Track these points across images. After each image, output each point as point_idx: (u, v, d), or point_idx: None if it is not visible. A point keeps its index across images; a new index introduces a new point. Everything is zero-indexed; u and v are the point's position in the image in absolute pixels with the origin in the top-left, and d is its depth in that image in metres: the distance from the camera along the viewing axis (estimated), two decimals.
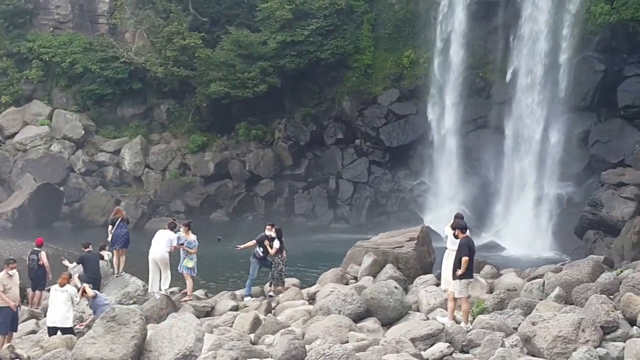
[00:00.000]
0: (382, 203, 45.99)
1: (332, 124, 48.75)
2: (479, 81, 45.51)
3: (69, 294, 18.84)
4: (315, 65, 47.94)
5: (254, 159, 47.85)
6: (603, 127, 40.15)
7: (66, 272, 20.34)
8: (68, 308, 18.88)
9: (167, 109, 49.78)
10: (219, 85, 45.72)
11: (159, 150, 48.46)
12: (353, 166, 47.47)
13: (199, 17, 48.04)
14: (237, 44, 46.06)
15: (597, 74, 40.55)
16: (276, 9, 46.54)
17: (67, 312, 18.85)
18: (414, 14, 47.29)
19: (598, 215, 34.83)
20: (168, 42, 46.71)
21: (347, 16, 48.39)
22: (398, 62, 47.68)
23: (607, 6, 40.23)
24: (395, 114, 47.11)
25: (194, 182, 47.42)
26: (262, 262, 23.24)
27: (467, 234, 18.27)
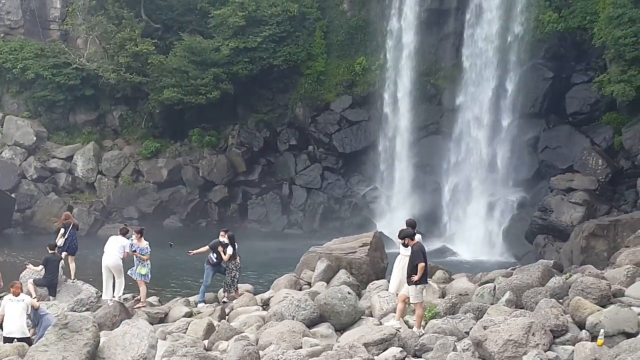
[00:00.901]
0: (335, 209, 46.25)
1: (286, 130, 48.91)
2: (430, 88, 46.06)
3: (25, 303, 18.51)
4: (268, 71, 48.08)
5: (208, 165, 47.73)
6: (552, 134, 40.97)
7: (17, 280, 20.06)
8: (25, 318, 18.54)
9: (120, 115, 49.37)
10: (172, 91, 45.54)
11: (112, 156, 48.03)
12: (306, 172, 47.68)
13: (151, 24, 47.78)
14: (190, 50, 45.95)
15: (545, 81, 41.39)
16: (229, 15, 46.55)
17: (24, 321, 18.47)
18: (366, 21, 47.73)
19: (548, 220, 35.58)
20: (120, 49, 46.35)
21: (299, 23, 48.61)
22: (350, 69, 48.05)
23: (555, 14, 41.13)
24: (348, 121, 47.45)
25: (147, 189, 47.11)
26: (216, 269, 23.24)
27: (418, 239, 18.48)
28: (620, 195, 36.98)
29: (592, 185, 36.40)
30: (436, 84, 46.05)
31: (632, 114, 37.78)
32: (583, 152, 38.29)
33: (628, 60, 36.10)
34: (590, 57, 40.84)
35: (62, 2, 50.28)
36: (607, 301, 17.35)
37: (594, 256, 27.98)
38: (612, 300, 17.62)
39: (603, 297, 17.41)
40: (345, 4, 49.08)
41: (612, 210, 35.32)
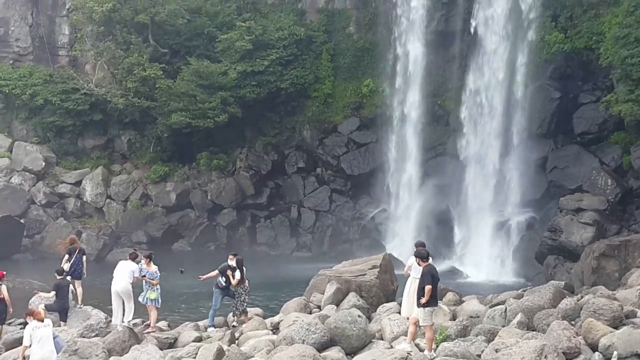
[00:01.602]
0: (344, 231, 46.22)
1: (293, 152, 49.00)
2: (437, 109, 46.13)
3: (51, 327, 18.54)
4: (275, 94, 48.28)
5: (216, 188, 47.79)
6: (560, 154, 40.89)
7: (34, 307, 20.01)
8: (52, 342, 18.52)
9: (128, 139, 49.57)
10: (180, 115, 45.73)
11: (121, 181, 48.15)
12: (314, 195, 47.69)
13: (159, 49, 48.08)
14: (198, 74, 46.19)
15: (553, 101, 41.38)
16: (236, 39, 46.83)
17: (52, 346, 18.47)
18: (373, 43, 47.92)
19: (557, 241, 35.37)
20: (129, 74, 46.65)
21: (306, 46, 48.86)
22: (357, 91, 48.22)
23: (561, 35, 41.22)
24: (355, 143, 47.52)
25: (156, 213, 47.17)
26: (225, 292, 23.17)
27: (429, 261, 18.41)
28: (630, 215, 36.77)
29: (602, 205, 36.22)
30: (443, 105, 46.12)
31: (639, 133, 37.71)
32: (592, 172, 38.15)
33: (635, 79, 36.03)
34: (597, 77, 40.85)
35: (71, 29, 50.74)
36: (619, 322, 17.22)
37: (605, 277, 27.78)
38: (625, 321, 17.49)
39: (615, 319, 17.27)
40: (351, 27, 49.35)
41: (622, 230, 35.12)
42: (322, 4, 50.19)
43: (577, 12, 41.48)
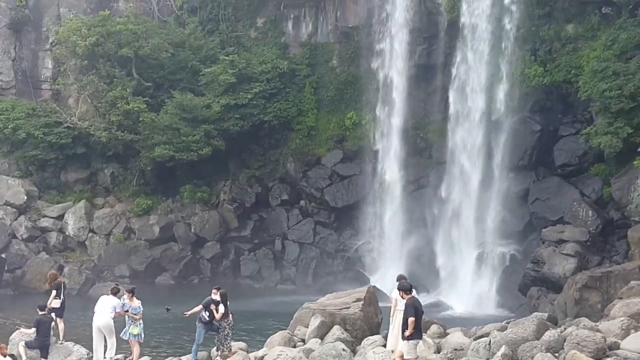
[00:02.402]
0: (328, 263, 46.24)
1: (277, 185, 49.08)
2: (420, 141, 46.47)
3: None
4: (259, 127, 48.47)
5: (200, 221, 47.71)
6: (542, 186, 41.20)
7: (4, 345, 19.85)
8: None
9: (112, 172, 49.45)
10: (164, 148, 45.77)
11: (103, 214, 47.97)
12: (298, 227, 47.70)
13: (142, 82, 48.22)
14: (181, 107, 46.33)
15: (533, 134, 41.80)
16: (219, 73, 47.10)
17: None
18: (355, 76, 48.32)
19: (540, 272, 35.63)
20: (112, 107, 46.70)
21: (289, 79, 49.21)
22: (341, 124, 48.52)
23: (540, 68, 41.78)
24: (339, 175, 47.70)
25: (139, 246, 46.95)
26: (208, 327, 23.05)
27: (412, 294, 18.49)
28: (612, 246, 37.06)
29: (583, 236, 36.56)
30: (426, 138, 46.46)
31: (619, 165, 38.07)
32: (573, 204, 38.49)
33: (614, 112, 36.57)
34: (577, 109, 41.36)
35: (54, 63, 50.87)
36: (602, 354, 17.35)
37: (587, 308, 27.97)
38: (608, 353, 17.62)
39: (599, 350, 17.40)
40: (334, 60, 49.79)
41: (604, 262, 35.43)
42: (305, 37, 50.64)
43: (555, 46, 42.12)
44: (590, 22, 41.01)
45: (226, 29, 50.75)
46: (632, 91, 36.20)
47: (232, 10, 50.77)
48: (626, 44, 38.05)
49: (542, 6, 42.10)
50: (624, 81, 36.51)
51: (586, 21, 41.19)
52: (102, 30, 47.08)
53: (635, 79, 36.29)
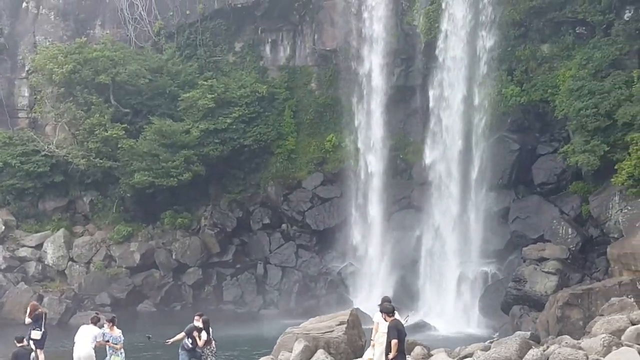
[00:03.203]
0: (311, 287, 46.11)
1: (258, 209, 48.95)
2: (400, 162, 46.63)
3: None
4: (239, 152, 48.45)
5: (181, 247, 47.46)
6: (521, 204, 41.41)
7: None
8: None
9: (91, 200, 49.14)
10: (143, 175, 45.57)
11: (83, 242, 47.59)
12: (280, 251, 47.57)
13: (121, 109, 48.10)
14: (160, 133, 46.22)
15: (512, 153, 42.06)
16: (198, 98, 47.11)
17: None
18: (334, 99, 48.48)
19: (522, 291, 35.77)
20: (90, 134, 46.48)
21: (268, 103, 49.32)
22: (321, 147, 48.60)
23: (517, 88, 42.15)
24: (320, 198, 47.69)
25: (120, 274, 46.60)
26: (191, 354, 22.90)
27: (395, 316, 18.48)
28: (592, 263, 37.29)
29: (564, 254, 36.77)
30: (406, 159, 46.61)
31: (597, 182, 38.44)
32: (553, 222, 38.73)
33: (590, 130, 36.98)
34: (554, 128, 41.75)
35: (30, 91, 50.70)
36: None
37: (569, 325, 28.08)
38: None
39: None
40: (313, 83, 49.99)
41: (584, 279, 35.63)
42: (284, 61, 50.85)
43: (531, 65, 42.52)
44: (565, 42, 41.47)
45: (204, 54, 50.85)
46: (608, 109, 36.66)
47: (210, 35, 50.90)
48: (601, 63, 38.58)
49: (517, 27, 42.54)
50: (600, 99, 36.98)
51: (561, 41, 41.65)
52: (79, 58, 46.96)
53: (611, 97, 36.77)
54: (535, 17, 42.06)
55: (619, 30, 38.87)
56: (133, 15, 50.67)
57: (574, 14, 40.71)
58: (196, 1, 50.27)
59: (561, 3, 40.94)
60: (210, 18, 50.48)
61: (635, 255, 31.60)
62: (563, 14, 41.09)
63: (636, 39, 38.59)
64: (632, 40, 38.59)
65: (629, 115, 35.89)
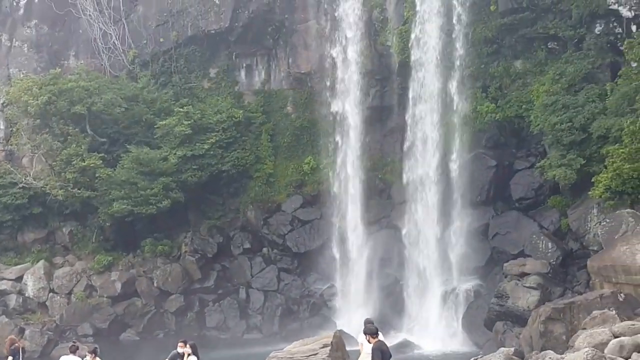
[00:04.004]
0: (294, 310, 45.96)
1: (238, 234, 48.84)
2: (378, 183, 46.74)
3: None
4: (217, 177, 48.40)
5: (162, 275, 47.18)
6: (501, 220, 41.66)
7: None
8: None
9: (70, 231, 48.77)
10: (122, 203, 45.36)
11: (63, 273, 47.15)
12: (262, 275, 47.42)
13: (97, 138, 47.92)
14: (138, 161, 46.09)
15: (489, 169, 42.35)
16: (175, 125, 47.09)
17: None
18: (311, 121, 48.64)
19: (505, 307, 35.88)
20: (67, 165, 46.24)
21: (245, 128, 49.39)
22: (299, 169, 48.65)
23: (492, 105, 42.53)
24: (300, 220, 47.68)
25: (101, 303, 46.18)
26: None
27: (379, 337, 18.47)
28: (573, 277, 37.47)
29: (545, 268, 36.93)
30: (384, 179, 46.75)
31: (575, 196, 38.73)
32: (532, 237, 38.94)
33: (566, 144, 37.31)
34: (530, 143, 42.12)
35: (6, 123, 50.36)
36: None
37: (553, 340, 28.12)
38: None
39: None
40: (289, 107, 50.11)
41: (566, 292, 35.82)
42: (259, 85, 50.99)
43: (505, 82, 42.94)
44: (538, 58, 41.96)
45: (179, 80, 50.87)
46: (582, 123, 37.04)
47: (184, 62, 50.94)
48: (573, 77, 39.02)
49: (489, 44, 42.98)
50: (574, 113, 37.37)
51: (533, 57, 42.14)
52: (54, 89, 46.81)
53: (585, 111, 37.17)
54: (507, 34, 42.55)
55: (590, 44, 39.41)
56: (107, 44, 50.65)
57: (545, 30, 41.23)
58: (170, 29, 50.38)
59: (532, 19, 41.44)
60: (184, 45, 50.57)
61: (615, 267, 31.75)
62: (534, 29, 41.60)
63: (607, 53, 39.15)
64: (604, 53, 39.13)
65: (603, 128, 36.22)
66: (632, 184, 33.98)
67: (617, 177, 34.04)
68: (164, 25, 50.57)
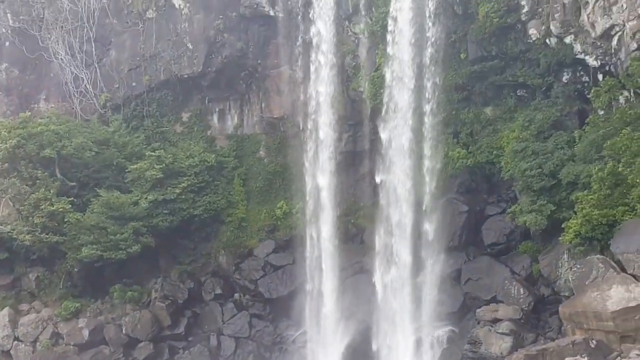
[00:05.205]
0: (266, 357, 45.65)
1: (210, 279, 48.40)
2: (351, 227, 46.67)
3: None
4: (189, 222, 48.08)
5: (131, 321, 46.39)
6: (473, 266, 41.71)
7: None
8: None
9: (37, 276, 47.83)
10: (91, 248, 44.78)
11: (29, 320, 46.22)
12: (234, 321, 46.91)
13: (67, 182, 47.42)
14: (108, 206, 45.66)
15: (461, 215, 42.51)
16: (146, 169, 46.83)
17: None
18: (284, 166, 48.63)
19: (478, 353, 35.83)
20: (35, 209, 45.64)
21: (217, 172, 49.24)
22: (272, 214, 48.45)
23: (463, 151, 42.87)
24: (272, 265, 47.36)
25: (68, 352, 45.36)
26: None
27: None
28: (545, 323, 37.57)
29: (517, 314, 37.01)
30: (357, 223, 46.70)
31: (546, 241, 39.00)
32: (504, 282, 39.04)
33: (536, 190, 37.66)
34: (501, 189, 42.45)
35: None
36: None
37: None
38: None
39: None
40: (262, 151, 50.10)
41: (538, 338, 35.85)
42: (232, 129, 50.96)
43: (476, 128, 43.31)
44: (507, 105, 42.41)
45: (151, 124, 50.71)
46: (552, 169, 37.43)
47: (157, 106, 50.83)
48: (542, 124, 39.54)
49: (460, 91, 43.38)
50: (543, 160, 37.78)
51: (503, 104, 42.58)
52: (23, 132, 46.47)
53: (554, 158, 37.61)
54: (477, 81, 42.99)
55: (558, 92, 39.99)
56: (78, 88, 50.49)
57: (514, 78, 41.72)
58: (142, 73, 50.33)
59: (501, 67, 41.94)
60: (156, 89, 50.52)
61: (586, 313, 31.86)
62: (504, 77, 42.09)
63: (575, 100, 39.74)
64: (572, 101, 39.71)
65: (572, 175, 36.66)
66: (602, 230, 34.36)
67: (586, 223, 34.41)
68: (137, 70, 50.50)
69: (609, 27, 36.33)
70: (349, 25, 46.16)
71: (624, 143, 34.54)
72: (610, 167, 34.56)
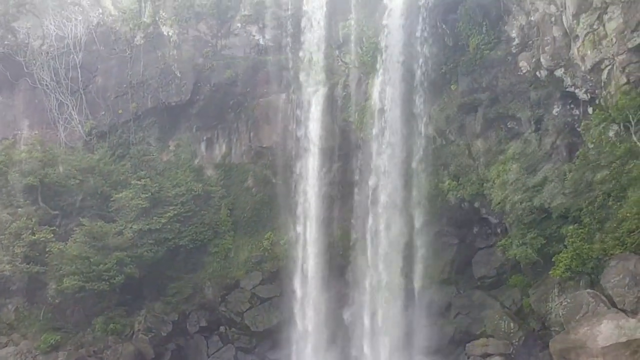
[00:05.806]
0: None
1: (195, 311, 47.62)
2: (340, 260, 45.99)
3: None
4: (174, 252, 47.52)
5: (113, 354, 45.39)
6: (463, 300, 41.39)
7: None
8: None
9: (16, 308, 47.01)
10: (73, 279, 44.00)
11: (7, 353, 45.13)
12: (219, 354, 46.17)
13: (49, 211, 46.81)
14: (91, 235, 45.02)
15: (451, 247, 42.14)
16: (131, 198, 46.31)
17: None
18: (271, 196, 48.15)
19: None
20: (16, 238, 45.00)
21: (204, 202, 48.67)
22: (259, 245, 47.89)
23: (454, 182, 42.43)
24: (259, 297, 46.72)
25: None
26: None
27: None
28: (536, 358, 37.12)
29: (507, 349, 36.72)
30: (346, 255, 46.02)
31: (536, 275, 38.59)
32: (495, 316, 38.66)
33: (526, 223, 37.42)
34: (491, 221, 41.88)
35: None
36: None
37: None
38: None
39: None
40: (249, 181, 49.61)
41: None
42: (219, 159, 50.52)
43: (466, 160, 42.84)
44: (498, 137, 42.05)
45: (137, 152, 50.21)
46: (542, 202, 37.18)
47: (143, 134, 50.39)
48: (533, 157, 39.28)
49: (451, 122, 42.99)
50: (534, 193, 37.46)
51: (493, 135, 42.22)
52: (5, 159, 46.11)
53: (544, 191, 37.29)
54: (467, 113, 42.67)
55: (548, 125, 39.71)
56: (63, 115, 50.06)
57: (505, 110, 41.42)
58: (129, 100, 49.96)
59: (492, 99, 41.64)
60: (143, 117, 50.14)
61: (577, 349, 31.63)
62: (494, 109, 41.77)
63: (566, 133, 39.48)
64: (562, 134, 39.46)
65: (562, 208, 36.38)
66: (592, 264, 34.22)
67: (577, 257, 34.27)
68: (123, 97, 50.16)
69: (598, 61, 36.25)
70: (340, 54, 45.98)
71: (614, 177, 34.33)
72: (600, 200, 34.37)
